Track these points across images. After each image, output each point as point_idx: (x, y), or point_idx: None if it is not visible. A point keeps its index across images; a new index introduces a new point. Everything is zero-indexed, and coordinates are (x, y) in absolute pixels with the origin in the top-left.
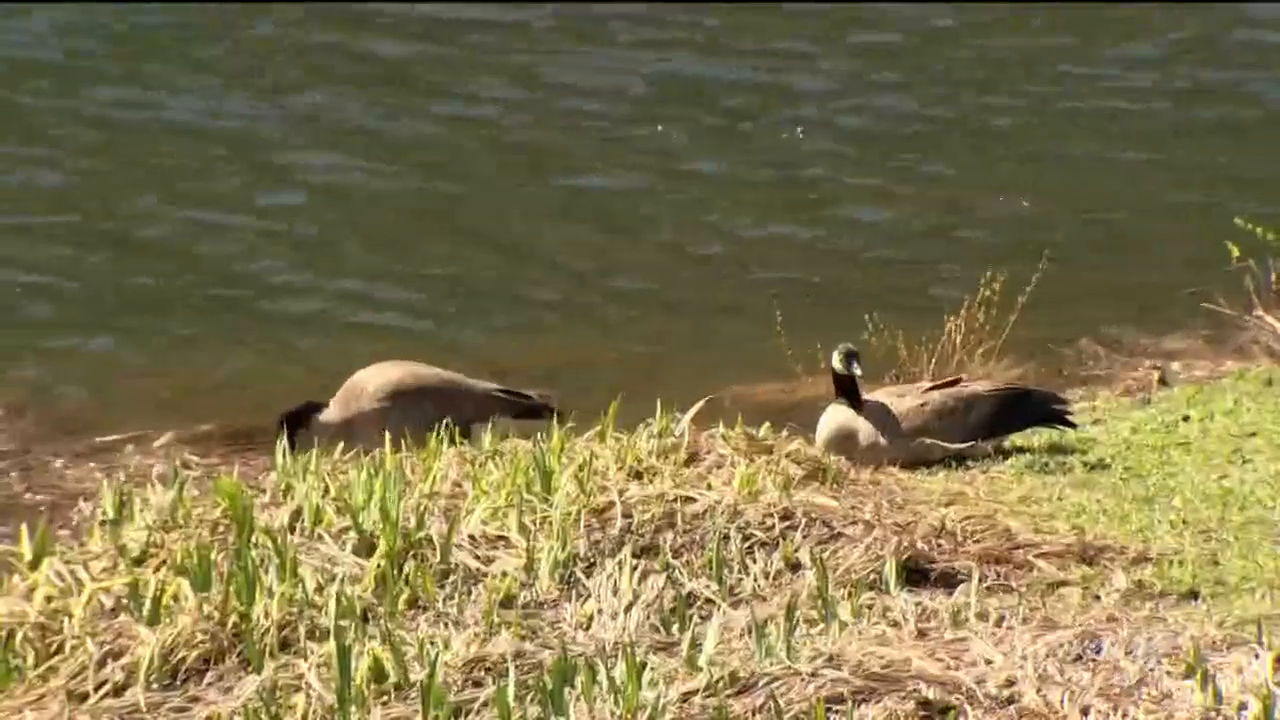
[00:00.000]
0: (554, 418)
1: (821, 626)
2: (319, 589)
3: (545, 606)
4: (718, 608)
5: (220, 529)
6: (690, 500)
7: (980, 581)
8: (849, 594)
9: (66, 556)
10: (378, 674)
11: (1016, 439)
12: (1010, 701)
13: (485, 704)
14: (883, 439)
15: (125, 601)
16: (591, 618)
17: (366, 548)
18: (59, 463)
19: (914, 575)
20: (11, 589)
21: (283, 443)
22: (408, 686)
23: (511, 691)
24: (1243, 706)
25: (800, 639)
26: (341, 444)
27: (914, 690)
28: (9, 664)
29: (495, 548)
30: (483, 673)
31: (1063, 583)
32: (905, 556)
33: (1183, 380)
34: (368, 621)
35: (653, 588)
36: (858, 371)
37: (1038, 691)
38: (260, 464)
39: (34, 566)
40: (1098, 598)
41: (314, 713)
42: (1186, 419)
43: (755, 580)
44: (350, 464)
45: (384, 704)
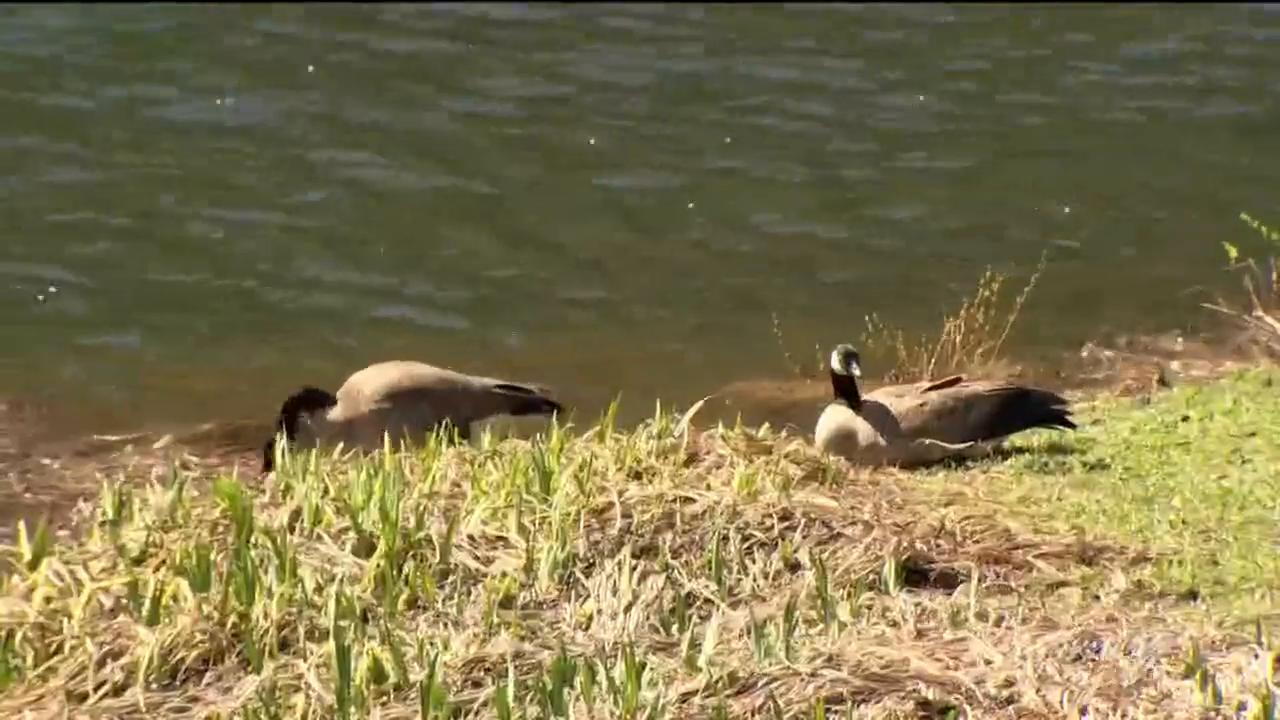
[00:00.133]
0: (554, 412)
1: (821, 627)
2: (318, 589)
3: (545, 607)
4: (717, 608)
5: (220, 529)
6: (689, 501)
7: (980, 582)
8: (848, 594)
9: (66, 556)
10: (377, 674)
11: (1016, 439)
12: (1009, 702)
13: (485, 704)
14: (882, 439)
15: (125, 601)
16: (591, 618)
17: (366, 548)
18: (59, 463)
19: (913, 575)
20: (11, 589)
21: (282, 442)
22: (407, 687)
23: (511, 692)
24: (1242, 706)
25: (799, 639)
26: (341, 444)
27: (913, 690)
28: (9, 664)
29: (495, 548)
30: (482, 673)
31: (1062, 583)
32: (904, 557)
33: (1182, 380)
34: (367, 622)
35: (652, 588)
36: (856, 372)
37: (1037, 691)
38: (260, 464)
39: (34, 566)
40: (1097, 598)
41: (313, 713)
42: (1186, 419)
43: (754, 580)
44: (350, 464)
45: (383, 704)
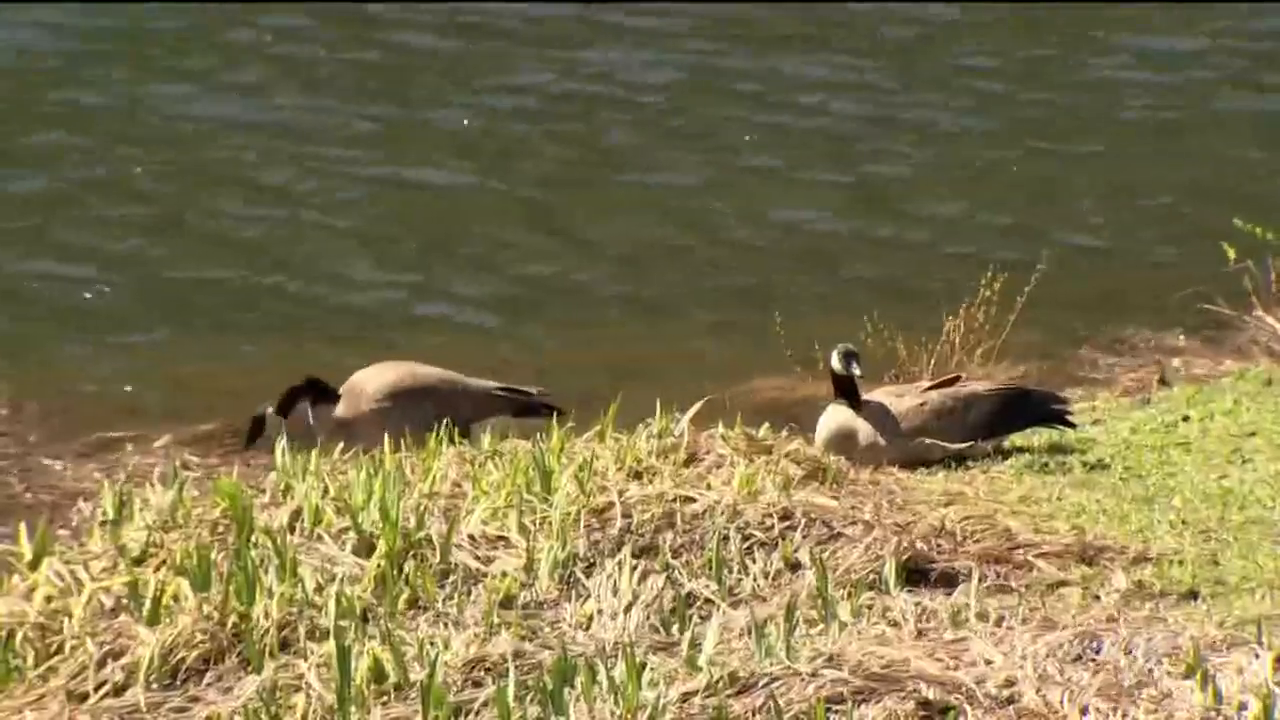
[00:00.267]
0: (554, 415)
1: (821, 626)
2: (319, 589)
3: (545, 607)
4: (717, 608)
5: (220, 529)
6: (690, 500)
7: (980, 581)
8: (849, 594)
9: (66, 556)
10: (378, 674)
11: (1016, 439)
12: (1010, 701)
13: (485, 704)
14: (882, 439)
15: (125, 601)
16: (591, 618)
17: (366, 548)
18: (59, 463)
19: (914, 575)
20: (11, 589)
21: (282, 442)
22: (408, 686)
23: (511, 692)
24: (1242, 706)
25: (800, 639)
26: (341, 443)
27: (914, 690)
28: (9, 664)
29: (495, 548)
30: (482, 673)
31: (1062, 583)
32: (905, 556)
33: (1183, 380)
34: (367, 622)
35: (652, 588)
36: (857, 372)
37: (1037, 691)
38: (260, 464)
39: (34, 566)
40: (1097, 598)
41: (314, 713)
42: (1186, 419)
43: (755, 580)
44: (350, 464)
45: (384, 704)
